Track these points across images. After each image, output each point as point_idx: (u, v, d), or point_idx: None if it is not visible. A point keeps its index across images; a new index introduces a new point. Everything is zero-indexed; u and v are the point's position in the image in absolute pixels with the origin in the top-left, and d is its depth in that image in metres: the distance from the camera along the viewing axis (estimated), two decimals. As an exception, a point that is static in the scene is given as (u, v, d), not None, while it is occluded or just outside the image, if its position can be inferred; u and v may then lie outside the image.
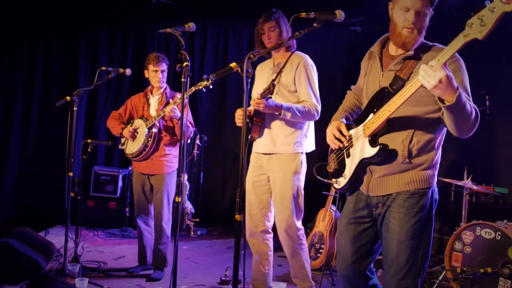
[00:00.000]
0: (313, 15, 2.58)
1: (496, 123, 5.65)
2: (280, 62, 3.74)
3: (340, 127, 2.58)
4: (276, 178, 3.67)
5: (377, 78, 2.50)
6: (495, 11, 1.79)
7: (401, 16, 2.32)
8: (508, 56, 5.68)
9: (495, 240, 4.14)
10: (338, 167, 2.63)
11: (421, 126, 2.36)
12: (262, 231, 3.76)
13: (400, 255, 2.36)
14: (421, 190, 2.38)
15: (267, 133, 3.68)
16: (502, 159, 5.64)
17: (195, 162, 7.01)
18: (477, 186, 4.71)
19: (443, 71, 1.95)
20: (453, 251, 4.38)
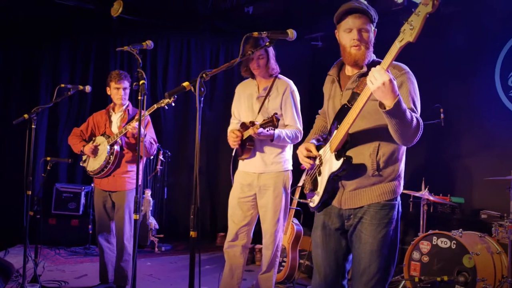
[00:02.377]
0: (265, 35, 2.64)
1: (451, 135, 5.83)
2: (266, 86, 3.90)
3: (308, 147, 2.68)
4: (268, 194, 3.83)
5: (337, 99, 2.63)
6: (419, 14, 1.96)
7: (346, 37, 2.49)
8: (460, 70, 5.89)
9: (451, 249, 4.27)
10: (312, 187, 2.70)
11: (384, 138, 2.46)
12: (243, 245, 3.90)
13: (372, 265, 2.47)
14: (390, 202, 2.50)
15: (258, 154, 3.86)
16: (458, 169, 5.81)
17: (159, 177, 7.00)
18: (434, 197, 4.85)
19: (386, 75, 2.08)
20: (412, 261, 4.49)
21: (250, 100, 3.93)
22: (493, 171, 4.82)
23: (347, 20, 2.48)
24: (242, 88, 4.06)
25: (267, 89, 3.86)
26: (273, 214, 3.81)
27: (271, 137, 3.65)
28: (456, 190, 5.55)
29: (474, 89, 5.79)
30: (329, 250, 2.64)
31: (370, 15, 2.49)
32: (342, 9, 2.51)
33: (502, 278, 4.24)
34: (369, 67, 2.49)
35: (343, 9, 2.50)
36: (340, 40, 2.56)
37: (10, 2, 6.33)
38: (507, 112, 5.51)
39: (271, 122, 3.37)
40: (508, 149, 5.36)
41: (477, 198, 5.50)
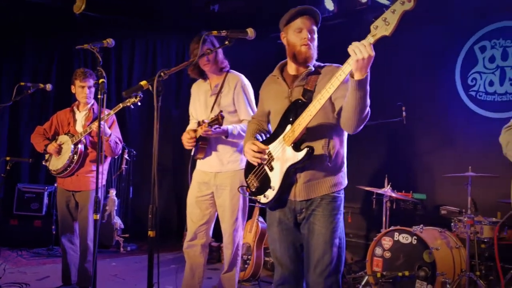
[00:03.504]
0: (225, 33, 2.67)
1: (413, 133, 5.95)
2: (218, 83, 3.86)
3: (255, 143, 2.74)
4: (226, 193, 3.78)
5: (283, 96, 2.75)
6: (396, 12, 2.10)
7: (296, 37, 2.68)
8: (421, 69, 6.02)
9: (412, 244, 4.36)
10: (260, 185, 2.75)
11: (333, 133, 2.65)
12: (202, 245, 3.86)
13: (326, 255, 2.58)
14: (339, 195, 2.68)
15: (214, 153, 3.82)
16: (420, 166, 5.93)
17: (124, 176, 6.93)
18: (397, 193, 4.94)
19: (372, 51, 2.20)
20: (374, 257, 4.57)
21: (205, 98, 3.89)
22: (453, 168, 4.93)
23: (297, 21, 2.68)
24: (196, 87, 4.03)
25: (218, 85, 3.83)
26: (231, 214, 3.78)
27: (225, 133, 3.63)
28: (418, 187, 5.67)
29: (436, 88, 5.92)
30: (288, 243, 2.74)
31: (318, 18, 2.71)
32: (293, 11, 2.70)
33: (461, 272, 4.35)
34: (315, 67, 2.72)
35: (294, 11, 2.70)
36: (288, 41, 2.73)
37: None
38: (467, 110, 5.65)
39: (217, 120, 3.36)
40: (467, 146, 5.51)
41: (438, 194, 5.64)
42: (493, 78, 5.52)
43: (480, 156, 5.21)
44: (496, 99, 5.48)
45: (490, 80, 5.55)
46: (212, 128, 3.45)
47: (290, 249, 2.74)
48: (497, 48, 5.52)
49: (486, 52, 5.60)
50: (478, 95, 5.61)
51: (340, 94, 2.52)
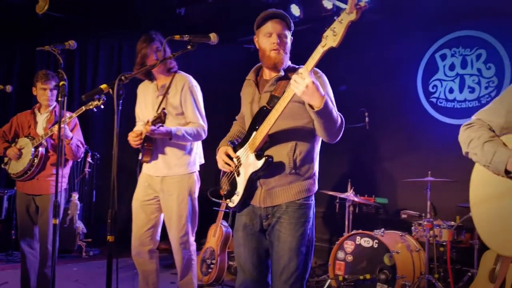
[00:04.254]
0: (187, 38, 2.66)
1: (376, 138, 6.06)
2: (164, 84, 3.77)
3: (227, 151, 2.74)
4: (172, 198, 3.70)
5: (256, 102, 2.72)
6: (342, 22, 2.09)
7: (266, 41, 2.63)
8: (384, 76, 6.14)
9: (373, 248, 4.43)
10: (230, 188, 2.75)
11: (301, 138, 2.60)
12: (149, 250, 3.76)
13: (291, 262, 2.56)
14: (307, 202, 2.62)
15: (160, 156, 3.73)
16: (382, 171, 6.05)
17: (87, 180, 6.82)
18: (359, 198, 5.02)
19: (309, 78, 2.20)
20: (337, 260, 4.63)
21: (151, 99, 3.81)
22: (414, 173, 5.03)
23: (267, 25, 2.63)
24: (142, 88, 3.96)
25: (165, 86, 3.75)
26: (178, 220, 3.69)
27: (169, 135, 3.54)
28: (380, 191, 5.77)
29: (398, 94, 6.06)
30: (252, 249, 2.71)
31: (288, 21, 2.66)
32: (263, 15, 2.66)
33: (420, 274, 4.45)
34: (286, 71, 2.66)
35: (264, 14, 2.65)
36: (259, 45, 2.70)
37: None
38: (428, 116, 5.80)
39: (159, 118, 3.32)
40: (428, 151, 5.64)
41: (400, 199, 5.76)
42: (453, 85, 5.68)
43: (440, 162, 5.34)
44: (455, 106, 5.63)
45: (450, 88, 5.70)
46: (155, 126, 3.38)
47: (253, 255, 2.71)
48: (457, 56, 5.67)
49: (447, 60, 5.75)
50: (438, 102, 5.76)
51: None
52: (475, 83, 5.52)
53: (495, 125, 2.14)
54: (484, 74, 5.46)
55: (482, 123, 2.18)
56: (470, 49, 5.58)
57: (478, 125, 2.19)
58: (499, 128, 2.12)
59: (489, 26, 5.44)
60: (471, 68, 5.55)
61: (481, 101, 5.45)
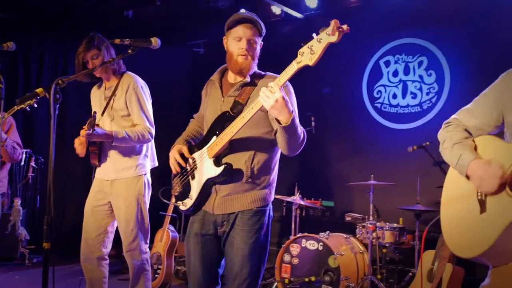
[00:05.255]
0: (128, 42, 2.62)
1: (322, 142, 6.17)
2: (111, 86, 3.70)
3: (181, 150, 2.69)
4: (120, 203, 3.62)
5: (218, 104, 2.66)
6: (321, 42, 2.07)
7: (235, 46, 2.57)
8: (331, 81, 6.26)
9: (318, 250, 4.51)
10: (182, 190, 2.70)
11: (260, 148, 2.56)
12: (98, 257, 3.66)
13: (244, 269, 2.53)
14: (262, 209, 2.59)
15: (109, 160, 3.66)
16: (329, 174, 6.16)
17: (31, 185, 6.62)
18: (306, 201, 5.09)
19: (280, 93, 2.17)
20: (283, 263, 4.67)
21: (99, 102, 3.75)
22: (359, 176, 5.15)
23: (237, 29, 2.56)
24: (93, 91, 3.90)
25: (112, 88, 3.68)
26: (126, 224, 3.62)
27: (109, 137, 3.46)
28: (327, 194, 5.87)
29: (344, 99, 6.20)
30: (202, 257, 2.66)
31: (260, 27, 2.60)
32: (235, 17, 2.59)
33: (364, 275, 4.55)
34: (252, 78, 2.62)
35: (236, 17, 2.58)
36: (228, 47, 2.62)
37: None
38: (372, 121, 5.95)
39: (89, 122, 3.26)
40: (371, 155, 5.79)
41: (346, 202, 5.88)
42: (396, 91, 5.86)
43: (383, 165, 5.50)
44: (399, 111, 5.81)
45: (393, 93, 5.87)
46: (90, 130, 3.29)
47: (203, 263, 2.66)
48: (400, 63, 5.86)
49: (390, 67, 5.93)
50: (383, 107, 5.92)
51: None
52: (417, 89, 5.71)
53: (470, 126, 2.13)
54: (425, 80, 5.66)
55: (458, 123, 2.17)
56: (413, 56, 5.77)
57: (454, 125, 2.18)
58: (474, 129, 2.12)
59: (429, 34, 5.64)
60: (413, 75, 5.75)
61: (422, 106, 5.64)
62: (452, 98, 5.41)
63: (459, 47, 5.41)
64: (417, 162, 5.17)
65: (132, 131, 3.57)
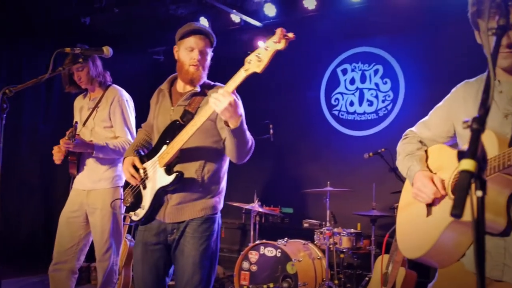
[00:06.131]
0: (78, 51, 2.61)
1: (281, 150, 6.23)
2: (96, 97, 3.73)
3: (134, 161, 2.69)
4: (95, 213, 3.60)
5: (167, 113, 2.68)
6: (268, 49, 2.14)
7: (187, 56, 2.60)
8: (289, 89, 6.34)
9: (276, 257, 4.54)
10: (134, 200, 2.71)
11: (210, 157, 2.61)
12: (69, 270, 3.61)
13: (195, 276, 2.56)
14: (211, 217, 2.63)
15: (86, 170, 3.65)
16: (288, 181, 6.21)
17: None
18: (264, 208, 5.13)
19: (232, 97, 2.21)
20: (242, 270, 4.69)
21: (82, 113, 3.77)
22: (317, 183, 5.23)
23: (190, 39, 2.59)
24: (77, 102, 3.90)
25: (96, 99, 3.72)
26: (101, 235, 3.61)
27: (90, 148, 3.49)
28: (286, 201, 5.92)
29: (302, 106, 6.27)
30: (149, 266, 2.67)
31: (212, 39, 2.66)
32: (188, 28, 2.62)
33: (322, 281, 4.61)
34: (202, 87, 2.66)
35: (189, 28, 2.62)
36: (179, 57, 2.65)
37: None
38: (330, 128, 6.05)
39: (70, 131, 3.28)
40: (329, 162, 5.88)
41: (304, 208, 5.94)
42: (353, 98, 5.97)
43: (340, 172, 5.60)
44: (355, 118, 5.92)
45: (350, 101, 5.99)
46: (71, 139, 3.32)
47: (152, 272, 2.68)
48: (356, 71, 5.98)
49: (347, 75, 6.04)
50: (340, 114, 6.02)
51: None
52: (373, 96, 5.83)
53: (424, 137, 2.21)
54: (381, 88, 5.79)
55: (414, 135, 2.26)
56: (369, 65, 5.90)
57: (410, 137, 2.26)
58: (428, 140, 2.20)
59: (385, 43, 5.78)
60: (370, 83, 5.87)
61: (378, 113, 5.77)
62: (406, 105, 5.55)
63: (413, 56, 5.56)
64: (372, 168, 5.28)
65: (113, 143, 3.59)
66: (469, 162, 1.01)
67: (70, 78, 3.69)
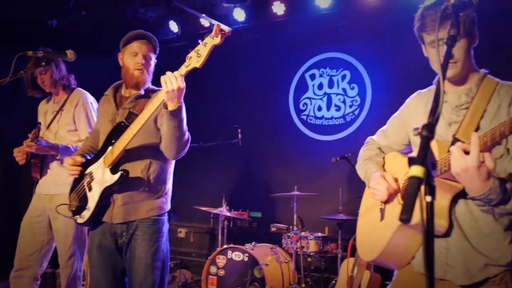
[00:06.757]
0: (41, 54, 2.60)
1: (250, 154, 6.24)
2: (60, 100, 3.71)
3: (74, 158, 2.73)
4: (59, 218, 3.53)
5: (112, 117, 2.73)
6: (207, 45, 2.25)
7: (131, 61, 2.69)
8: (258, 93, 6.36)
9: (244, 261, 4.55)
10: (80, 204, 2.71)
11: (155, 157, 2.66)
12: (31, 276, 3.56)
13: (148, 278, 2.59)
14: (160, 218, 2.68)
15: (50, 174, 3.61)
16: (256, 185, 6.22)
17: None
18: (232, 213, 5.13)
19: (183, 83, 2.30)
20: (209, 275, 4.68)
21: (46, 117, 3.74)
22: (285, 187, 5.26)
23: (133, 45, 2.69)
24: (41, 106, 3.88)
25: (60, 103, 3.70)
26: (64, 241, 3.57)
27: (54, 151, 3.46)
28: (254, 205, 5.93)
29: (271, 111, 6.30)
30: (108, 269, 2.69)
31: (155, 44, 2.75)
32: (131, 34, 2.72)
33: (289, 285, 4.64)
34: (146, 91, 2.73)
35: (132, 34, 2.71)
36: (124, 62, 2.73)
37: None
38: (298, 133, 6.09)
39: (34, 133, 3.25)
40: (297, 166, 5.93)
41: (273, 212, 5.96)
42: (321, 103, 6.03)
43: (307, 176, 5.65)
44: (323, 123, 5.98)
45: (318, 106, 6.04)
46: (34, 141, 3.29)
47: (109, 275, 2.69)
48: (324, 76, 6.04)
49: (316, 80, 6.10)
50: (308, 119, 6.07)
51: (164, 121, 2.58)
52: (340, 102, 5.90)
53: (382, 145, 2.33)
54: (348, 93, 5.86)
55: (373, 142, 2.38)
56: (336, 70, 5.97)
57: (370, 144, 2.38)
58: (385, 148, 2.32)
59: (352, 49, 5.86)
60: (337, 88, 5.94)
61: (346, 118, 5.84)
62: (373, 110, 5.63)
63: (379, 62, 5.65)
64: (339, 173, 5.34)
65: (78, 145, 3.56)
66: (418, 168, 1.05)
67: (33, 82, 3.65)
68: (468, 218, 1.84)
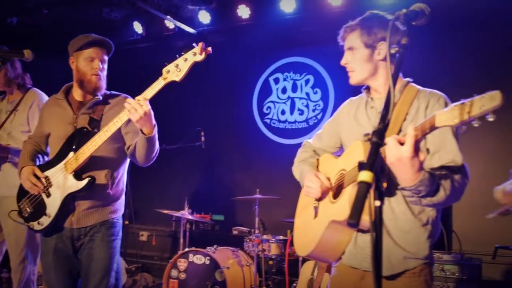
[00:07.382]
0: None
1: (212, 157, 6.24)
2: (14, 100, 3.63)
3: (34, 170, 2.66)
4: (10, 221, 3.34)
5: (69, 121, 2.70)
6: (187, 61, 2.31)
7: (87, 66, 2.68)
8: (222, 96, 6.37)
9: (205, 264, 4.54)
10: (34, 210, 2.67)
11: (117, 161, 2.71)
12: None
13: (104, 280, 2.61)
14: (117, 220, 2.74)
15: (1, 175, 3.53)
16: (219, 188, 6.23)
17: None
18: (195, 216, 5.10)
19: (147, 106, 2.34)
20: (170, 279, 4.65)
21: (0, 116, 3.64)
22: (248, 190, 5.26)
23: (90, 50, 2.68)
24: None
25: (14, 102, 3.62)
26: (16, 244, 3.51)
27: (5, 152, 3.42)
28: (217, 209, 5.92)
29: (234, 114, 6.32)
30: (64, 273, 2.67)
31: (110, 48, 2.75)
32: (87, 39, 2.68)
33: (251, 287, 4.64)
34: (104, 97, 2.75)
35: (88, 39, 2.68)
36: (78, 68, 2.70)
37: None
38: (262, 136, 6.13)
39: None
40: (259, 170, 5.96)
41: (235, 215, 5.97)
42: (284, 107, 6.08)
43: (269, 179, 5.67)
44: (287, 127, 6.02)
45: (282, 109, 6.09)
46: None
47: (66, 278, 2.68)
48: (288, 80, 6.10)
49: (279, 84, 6.15)
50: (272, 123, 6.11)
51: (131, 129, 2.63)
52: (304, 106, 5.96)
53: (317, 148, 2.46)
54: (311, 98, 5.93)
55: (309, 145, 2.51)
56: (300, 74, 6.03)
57: (306, 147, 2.51)
58: (319, 150, 2.45)
59: (315, 54, 5.94)
60: (301, 92, 6.00)
61: (309, 122, 5.90)
62: (335, 115, 5.70)
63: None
64: (301, 176, 5.38)
65: None
66: (367, 173, 1.08)
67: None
68: (390, 215, 1.98)
